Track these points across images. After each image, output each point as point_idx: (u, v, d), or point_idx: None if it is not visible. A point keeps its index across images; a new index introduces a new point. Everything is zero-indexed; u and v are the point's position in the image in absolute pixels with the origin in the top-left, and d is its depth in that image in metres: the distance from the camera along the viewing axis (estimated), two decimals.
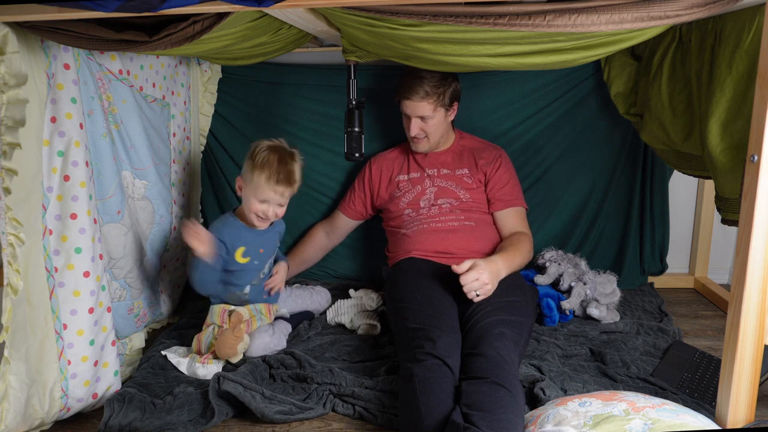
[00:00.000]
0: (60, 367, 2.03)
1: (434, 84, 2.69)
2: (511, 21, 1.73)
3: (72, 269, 2.04)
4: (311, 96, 3.28)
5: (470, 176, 2.88)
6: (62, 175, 2.00)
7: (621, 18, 1.68)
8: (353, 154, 2.66)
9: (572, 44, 1.93)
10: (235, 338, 2.38)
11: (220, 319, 2.47)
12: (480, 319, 2.27)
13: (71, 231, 2.03)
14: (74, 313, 2.05)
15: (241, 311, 2.48)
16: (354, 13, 1.90)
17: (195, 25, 1.85)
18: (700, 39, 2.26)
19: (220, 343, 2.37)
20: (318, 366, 2.32)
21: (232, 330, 2.39)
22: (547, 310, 2.77)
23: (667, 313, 2.91)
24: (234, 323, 2.43)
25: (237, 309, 2.50)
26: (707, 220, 3.37)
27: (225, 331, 2.40)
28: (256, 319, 2.52)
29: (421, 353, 2.07)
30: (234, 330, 2.39)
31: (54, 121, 1.97)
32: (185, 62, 2.94)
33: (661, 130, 2.58)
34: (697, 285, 3.40)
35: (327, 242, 3.32)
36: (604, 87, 3.06)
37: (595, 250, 3.33)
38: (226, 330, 2.40)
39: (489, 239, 2.79)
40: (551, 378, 2.24)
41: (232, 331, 2.38)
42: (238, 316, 2.46)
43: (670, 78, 2.48)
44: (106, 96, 2.30)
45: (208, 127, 3.28)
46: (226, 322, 2.46)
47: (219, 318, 2.48)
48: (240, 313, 2.47)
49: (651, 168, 3.21)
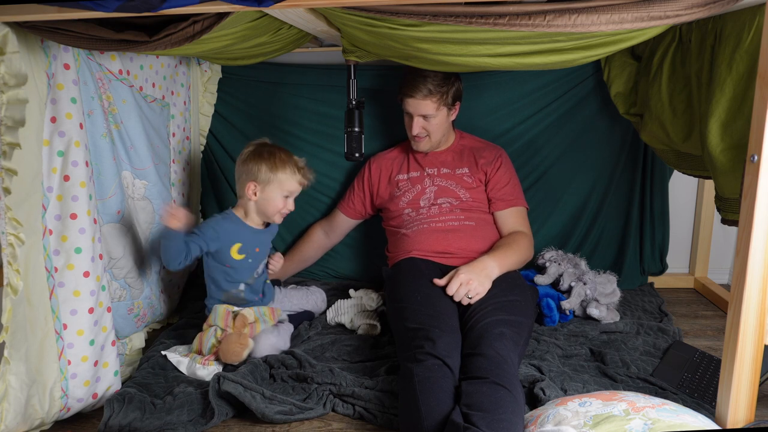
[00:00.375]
0: (60, 367, 2.03)
1: (437, 83, 2.68)
2: (511, 21, 1.73)
3: (72, 269, 2.04)
4: (311, 96, 3.27)
5: (470, 175, 2.88)
6: (62, 175, 2.00)
7: (621, 18, 1.69)
8: (353, 154, 2.66)
9: (572, 44, 1.93)
10: (241, 345, 2.37)
11: (224, 322, 2.45)
12: (480, 319, 2.27)
13: (71, 231, 2.03)
14: (74, 313, 2.05)
15: (246, 314, 2.47)
16: (354, 13, 1.90)
17: (195, 25, 1.85)
18: (700, 39, 2.26)
19: (224, 349, 2.36)
20: (318, 366, 2.32)
21: (238, 337, 2.38)
22: (547, 310, 2.77)
23: (667, 313, 2.91)
24: (238, 328, 2.42)
25: (242, 311, 2.48)
26: (707, 220, 3.37)
27: (230, 337, 2.39)
28: (260, 322, 2.50)
29: (421, 353, 2.07)
30: (240, 337, 2.38)
31: (54, 121, 1.97)
32: (185, 62, 2.94)
33: (661, 130, 2.58)
34: (697, 285, 3.40)
35: (326, 241, 3.32)
36: (604, 87, 3.05)
37: (595, 250, 3.33)
38: (231, 335, 2.39)
39: (489, 239, 2.79)
40: (551, 378, 2.24)
41: (238, 338, 2.38)
42: (242, 319, 2.43)
43: (670, 78, 2.48)
44: (106, 96, 2.30)
45: (208, 127, 3.28)
46: (230, 326, 2.44)
47: (222, 320, 2.45)
48: (245, 315, 2.45)
49: (651, 168, 3.21)
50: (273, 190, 2.51)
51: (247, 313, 2.46)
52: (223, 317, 2.47)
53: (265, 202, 2.52)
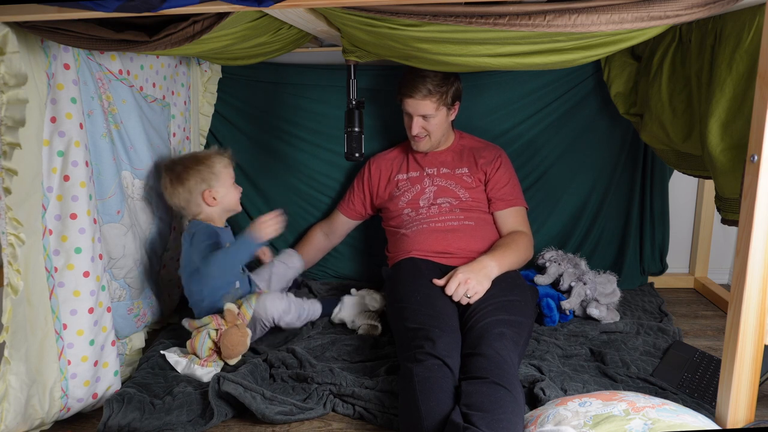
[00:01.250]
0: (60, 367, 2.03)
1: (437, 83, 2.69)
2: (511, 21, 1.73)
3: (72, 269, 2.04)
4: (311, 96, 3.27)
5: (470, 175, 2.88)
6: (62, 175, 2.00)
7: (621, 18, 1.69)
8: (353, 154, 2.66)
9: (572, 44, 1.93)
10: (242, 336, 2.39)
11: (215, 322, 2.45)
12: (480, 318, 2.27)
13: (71, 231, 2.03)
14: (74, 313, 2.05)
15: (229, 307, 2.47)
16: (354, 13, 1.90)
17: (195, 25, 1.85)
18: (700, 39, 2.26)
19: (228, 344, 2.37)
20: (318, 366, 2.33)
21: (237, 329, 2.39)
22: (547, 310, 2.77)
23: (667, 313, 2.91)
24: (232, 322, 2.43)
25: (226, 307, 2.48)
26: (707, 220, 3.37)
27: (228, 331, 2.39)
28: (245, 307, 2.51)
29: (421, 353, 2.07)
30: (239, 329, 2.39)
31: (54, 121, 1.98)
32: (185, 62, 2.94)
33: (661, 130, 2.58)
34: (697, 285, 3.40)
35: (326, 243, 3.32)
36: (604, 87, 3.05)
37: (595, 250, 3.33)
38: (230, 330, 2.40)
39: (489, 239, 2.79)
40: (551, 378, 2.24)
41: (238, 330, 2.39)
42: (230, 313, 2.44)
43: (670, 78, 2.48)
44: (106, 96, 2.30)
45: (208, 127, 3.27)
46: (222, 324, 2.45)
47: (213, 320, 2.46)
48: (229, 309, 2.45)
49: (651, 168, 3.21)
50: (224, 183, 2.59)
51: (230, 306, 2.47)
52: (212, 320, 2.46)
53: (226, 198, 2.61)
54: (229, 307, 2.45)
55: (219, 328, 2.43)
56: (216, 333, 2.42)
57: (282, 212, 2.54)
